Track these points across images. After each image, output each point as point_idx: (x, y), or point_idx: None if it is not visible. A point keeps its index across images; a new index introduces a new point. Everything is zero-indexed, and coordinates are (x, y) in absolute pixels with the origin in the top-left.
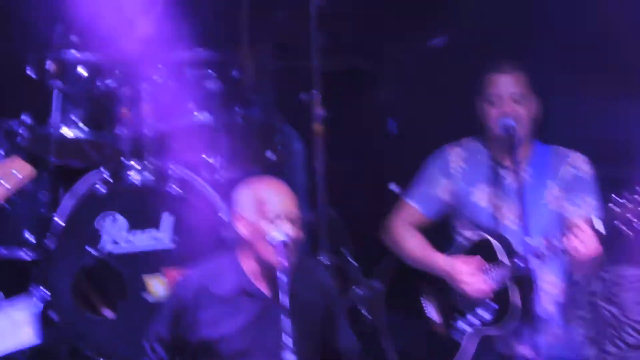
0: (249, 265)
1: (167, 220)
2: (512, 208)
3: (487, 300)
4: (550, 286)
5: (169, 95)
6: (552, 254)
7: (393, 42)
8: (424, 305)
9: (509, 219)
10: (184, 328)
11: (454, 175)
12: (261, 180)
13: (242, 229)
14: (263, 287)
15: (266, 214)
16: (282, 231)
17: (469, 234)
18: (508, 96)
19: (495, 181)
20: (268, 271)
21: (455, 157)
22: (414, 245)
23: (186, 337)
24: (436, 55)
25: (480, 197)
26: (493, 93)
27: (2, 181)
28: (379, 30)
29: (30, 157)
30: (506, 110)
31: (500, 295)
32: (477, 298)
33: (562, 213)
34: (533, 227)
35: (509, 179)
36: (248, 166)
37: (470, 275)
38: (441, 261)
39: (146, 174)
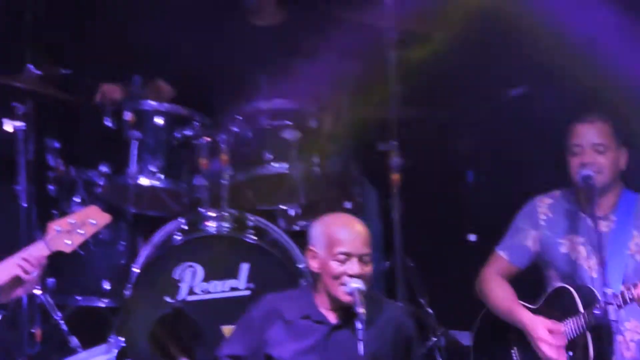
0: (319, 296)
1: (244, 269)
2: (595, 257)
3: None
4: (630, 332)
5: (247, 145)
6: (632, 302)
7: (471, 92)
8: (513, 356)
9: (592, 268)
10: (253, 347)
11: (542, 225)
12: (336, 217)
13: (313, 265)
14: (330, 316)
15: (336, 254)
16: (354, 278)
17: (555, 283)
18: (589, 146)
19: (580, 231)
20: (337, 305)
21: (544, 207)
22: (501, 296)
23: (255, 356)
24: (515, 104)
25: (566, 246)
26: (574, 143)
27: (79, 230)
28: (457, 79)
29: (108, 207)
30: (586, 161)
31: (577, 346)
32: None
33: None
34: (615, 276)
35: (593, 228)
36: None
37: (546, 337)
38: (524, 316)
39: (224, 223)
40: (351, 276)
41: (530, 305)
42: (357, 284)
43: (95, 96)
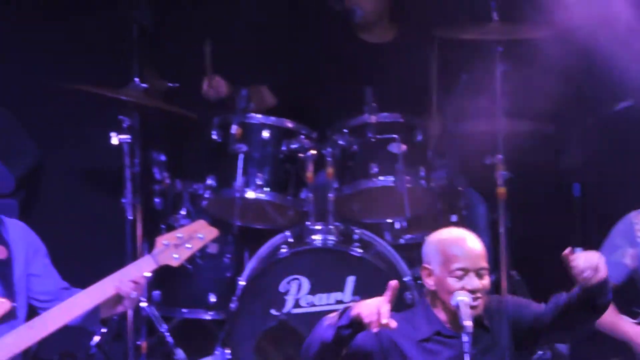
0: (439, 313)
1: (350, 282)
2: None
3: None
4: None
5: (353, 158)
6: None
7: (578, 105)
8: None
9: None
10: None
11: (639, 242)
12: (448, 233)
13: (429, 282)
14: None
15: (453, 270)
16: (466, 291)
17: None
18: None
19: None
20: (458, 321)
21: None
22: None
23: None
24: (622, 117)
25: None
26: None
27: (186, 244)
28: (563, 92)
29: (214, 220)
30: None
31: None
32: None
33: None
34: None
35: None
36: (431, 229)
37: None
38: (629, 329)
39: (330, 236)
40: (470, 291)
41: (633, 320)
42: (463, 297)
43: (202, 86)
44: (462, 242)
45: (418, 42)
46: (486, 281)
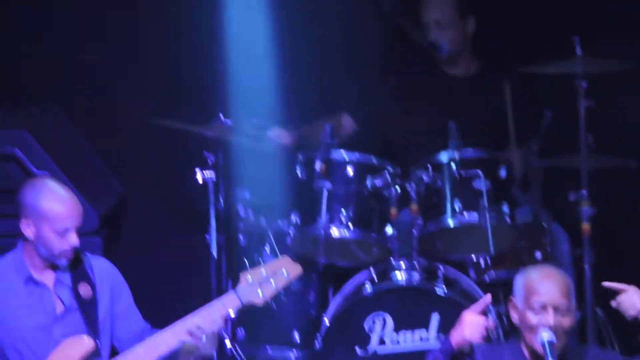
0: (523, 348)
1: (434, 319)
2: None
3: None
4: None
5: (437, 195)
6: None
7: None
8: None
9: None
10: None
11: None
12: (536, 268)
13: (514, 316)
14: None
15: (532, 304)
16: (547, 329)
17: None
18: None
19: None
20: (535, 356)
21: None
22: None
23: None
24: None
25: None
26: None
27: (271, 281)
28: None
29: (298, 258)
30: None
31: None
32: None
33: None
34: None
35: None
36: (515, 266)
37: None
38: None
39: (414, 274)
40: (548, 326)
41: None
42: (546, 335)
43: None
44: (545, 277)
45: (501, 76)
46: (567, 319)
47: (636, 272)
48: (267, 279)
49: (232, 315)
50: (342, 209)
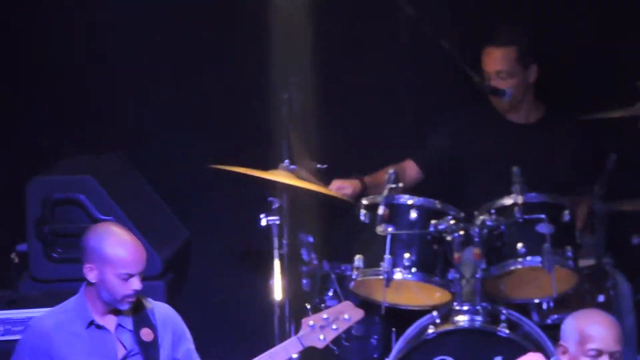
0: None
1: None
2: None
3: None
4: None
5: (500, 239)
6: None
7: None
8: None
9: None
10: None
11: None
12: (588, 313)
13: (564, 359)
14: None
15: (587, 351)
16: None
17: None
18: None
19: None
20: None
21: None
22: None
23: None
24: None
25: None
26: None
27: (332, 325)
28: None
29: (361, 301)
30: None
31: None
32: None
33: None
34: None
35: None
36: (578, 309)
37: None
38: None
39: (477, 317)
40: None
41: None
42: None
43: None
44: (600, 323)
45: (564, 122)
46: None
47: None
48: (328, 323)
49: None
50: (405, 253)
